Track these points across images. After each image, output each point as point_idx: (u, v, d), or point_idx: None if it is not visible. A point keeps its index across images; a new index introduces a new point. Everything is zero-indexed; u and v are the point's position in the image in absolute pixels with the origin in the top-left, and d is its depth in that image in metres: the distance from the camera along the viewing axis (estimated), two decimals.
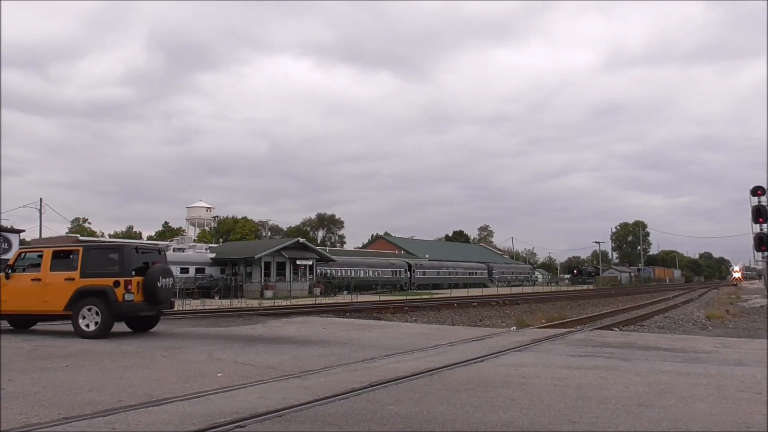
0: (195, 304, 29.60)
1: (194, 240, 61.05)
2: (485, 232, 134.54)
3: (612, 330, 16.89)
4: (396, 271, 59.93)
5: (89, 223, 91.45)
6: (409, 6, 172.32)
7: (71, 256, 12.86)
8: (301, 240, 48.99)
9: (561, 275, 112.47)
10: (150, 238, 79.75)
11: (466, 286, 63.95)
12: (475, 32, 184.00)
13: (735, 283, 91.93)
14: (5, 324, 13.54)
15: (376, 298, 39.56)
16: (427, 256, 73.92)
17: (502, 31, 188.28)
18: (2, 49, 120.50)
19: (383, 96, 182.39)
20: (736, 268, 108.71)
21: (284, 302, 33.05)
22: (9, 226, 19.07)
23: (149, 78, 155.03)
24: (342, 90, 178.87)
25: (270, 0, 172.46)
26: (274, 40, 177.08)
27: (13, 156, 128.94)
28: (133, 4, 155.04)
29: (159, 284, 12.63)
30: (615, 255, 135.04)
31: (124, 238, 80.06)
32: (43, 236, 52.20)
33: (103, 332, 11.97)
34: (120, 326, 12.95)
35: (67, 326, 12.81)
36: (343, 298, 39.64)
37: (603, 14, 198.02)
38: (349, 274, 52.84)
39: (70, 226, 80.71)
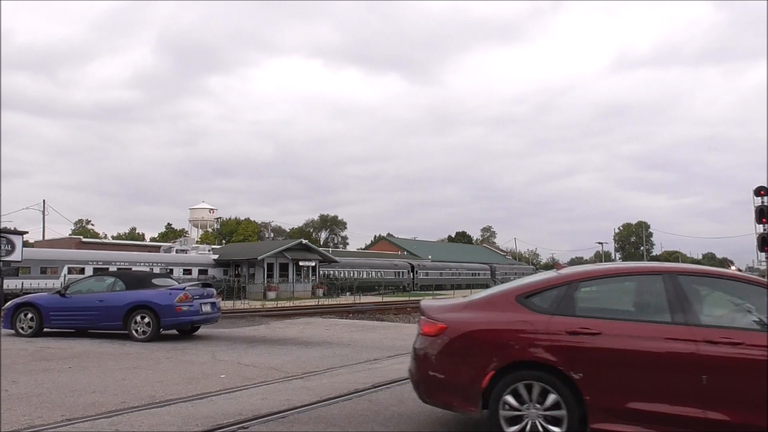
0: None
1: (197, 241, 61.01)
2: (488, 233, 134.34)
3: None
4: (399, 272, 59.85)
5: (92, 224, 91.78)
6: (417, 8, 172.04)
7: None
8: (304, 241, 48.91)
9: None
10: (153, 239, 79.98)
11: (468, 286, 63.66)
12: (483, 34, 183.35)
13: None
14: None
15: (378, 299, 39.54)
16: (429, 256, 73.80)
17: (509, 32, 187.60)
18: (13, 52, 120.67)
19: (389, 98, 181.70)
20: (732, 268, 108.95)
21: (287, 303, 33.09)
22: (12, 228, 19.18)
23: (157, 81, 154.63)
24: (348, 92, 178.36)
25: (278, 1, 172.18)
26: (282, 42, 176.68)
27: (20, 158, 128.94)
28: (142, 6, 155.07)
29: None
30: (618, 256, 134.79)
31: (126, 239, 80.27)
32: (46, 238, 52.38)
33: None
34: None
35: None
36: (346, 299, 39.62)
37: (610, 16, 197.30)
38: (351, 275, 52.78)
39: (73, 228, 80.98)
